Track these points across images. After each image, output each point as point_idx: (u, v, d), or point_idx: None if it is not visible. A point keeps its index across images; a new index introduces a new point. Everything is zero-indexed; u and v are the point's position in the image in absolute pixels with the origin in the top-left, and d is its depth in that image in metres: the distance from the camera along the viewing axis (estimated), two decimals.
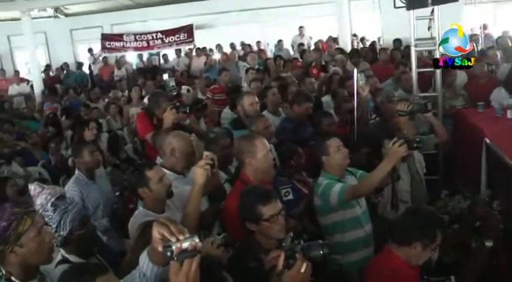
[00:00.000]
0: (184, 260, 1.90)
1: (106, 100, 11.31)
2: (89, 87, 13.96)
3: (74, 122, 8.94)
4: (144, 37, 16.39)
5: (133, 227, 3.41)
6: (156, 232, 1.98)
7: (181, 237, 1.90)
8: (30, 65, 14.82)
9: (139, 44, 16.45)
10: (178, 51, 16.38)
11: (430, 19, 6.72)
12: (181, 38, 16.21)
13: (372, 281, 3.20)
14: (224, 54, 14.95)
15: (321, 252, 2.44)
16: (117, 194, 5.01)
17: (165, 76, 7.85)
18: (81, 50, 18.31)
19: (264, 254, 2.97)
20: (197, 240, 1.91)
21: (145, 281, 2.28)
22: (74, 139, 7.63)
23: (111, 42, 16.21)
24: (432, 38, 6.57)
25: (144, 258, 2.26)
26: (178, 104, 5.83)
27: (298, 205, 4.42)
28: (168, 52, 16.73)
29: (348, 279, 3.89)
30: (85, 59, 17.27)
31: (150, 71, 14.86)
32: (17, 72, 15.98)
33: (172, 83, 7.28)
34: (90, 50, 17.16)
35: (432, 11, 6.47)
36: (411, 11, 6.57)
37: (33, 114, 11.35)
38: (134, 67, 16.58)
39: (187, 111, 5.65)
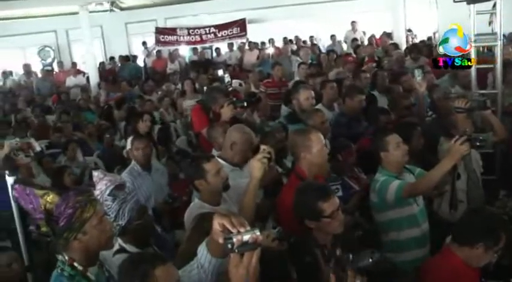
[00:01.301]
0: (245, 252, 1.89)
1: (159, 93, 11.46)
2: (143, 80, 14.16)
3: (127, 114, 9.10)
4: (197, 31, 16.43)
5: (189, 218, 3.44)
6: (217, 224, 1.98)
7: (242, 230, 1.90)
8: (87, 58, 15.14)
9: (192, 38, 16.51)
10: (230, 45, 16.44)
11: (492, 13, 6.50)
12: (234, 32, 16.20)
13: (430, 281, 3.13)
14: (277, 48, 14.90)
15: (370, 260, 2.39)
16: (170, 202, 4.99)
17: (220, 72, 7.84)
18: (135, 43, 18.60)
19: (319, 250, 2.97)
20: (258, 233, 1.90)
21: (203, 272, 2.29)
22: (127, 130, 7.77)
23: (165, 36, 16.33)
24: (493, 34, 6.36)
25: (202, 250, 2.27)
26: (235, 98, 5.84)
27: (348, 202, 4.38)
28: (221, 46, 16.81)
29: (402, 279, 3.84)
30: (139, 52, 17.52)
31: (202, 65, 14.97)
32: (74, 64, 16.36)
33: (228, 78, 7.30)
34: (144, 43, 17.36)
35: (494, 5, 6.26)
36: (471, 5, 6.37)
37: (89, 106, 11.60)
38: (187, 60, 16.72)
39: (244, 105, 5.66)
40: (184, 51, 17.31)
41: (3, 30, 16.80)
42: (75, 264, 2.37)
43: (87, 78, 14.92)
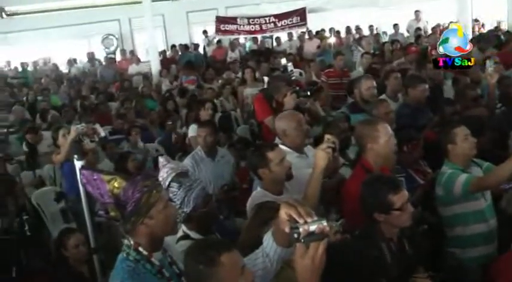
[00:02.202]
0: (311, 243, 1.85)
1: (219, 81, 11.52)
2: (203, 68, 14.26)
3: (189, 102, 9.19)
4: (257, 21, 16.44)
5: (250, 206, 3.44)
6: (284, 213, 1.95)
7: (309, 220, 1.86)
8: (149, 46, 15.38)
9: (252, 28, 16.54)
10: (290, 34, 16.37)
11: None
12: (294, 22, 16.12)
13: (502, 280, 3.02)
14: (338, 38, 14.71)
15: None
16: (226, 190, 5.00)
17: (283, 60, 7.84)
18: (196, 32, 18.76)
19: (385, 244, 2.90)
20: (325, 223, 1.86)
21: (268, 261, 2.28)
22: (188, 118, 7.85)
23: (225, 25, 16.43)
24: None
25: (268, 239, 2.26)
26: (298, 88, 5.81)
27: (412, 195, 4.27)
28: (281, 35, 16.75)
29: (468, 275, 3.73)
30: (200, 41, 17.67)
31: (263, 54, 14.95)
32: (132, 53, 16.64)
33: (291, 68, 7.27)
34: (204, 32, 17.51)
35: None
36: None
37: (151, 93, 11.78)
38: (247, 49, 16.75)
39: (308, 94, 5.62)
40: (244, 40, 17.34)
41: (69, 19, 17.32)
42: (140, 248, 2.39)
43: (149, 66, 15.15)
